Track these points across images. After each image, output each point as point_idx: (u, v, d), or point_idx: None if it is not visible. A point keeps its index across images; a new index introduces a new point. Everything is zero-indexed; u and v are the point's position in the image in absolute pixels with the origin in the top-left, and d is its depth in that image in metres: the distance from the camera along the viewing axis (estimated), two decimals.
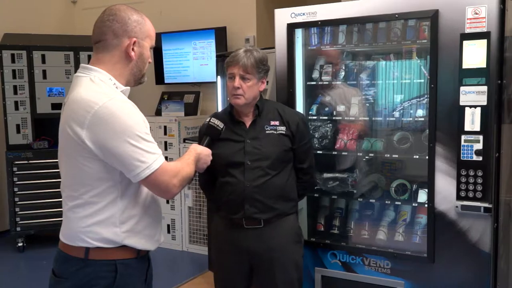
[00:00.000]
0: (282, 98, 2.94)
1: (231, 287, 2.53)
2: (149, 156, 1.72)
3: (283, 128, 2.45)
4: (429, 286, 2.66)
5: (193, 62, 5.05)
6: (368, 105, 3.01)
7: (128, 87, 1.85)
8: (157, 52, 5.13)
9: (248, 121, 2.45)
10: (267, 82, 3.33)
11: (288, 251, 2.47)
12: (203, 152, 2.07)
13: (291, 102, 2.91)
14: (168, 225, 4.92)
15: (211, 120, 2.29)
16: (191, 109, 5.03)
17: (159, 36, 5.05)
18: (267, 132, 2.43)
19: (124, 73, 1.82)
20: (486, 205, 2.45)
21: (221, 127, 2.28)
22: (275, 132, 2.43)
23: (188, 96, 5.18)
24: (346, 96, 3.07)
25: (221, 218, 2.52)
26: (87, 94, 1.70)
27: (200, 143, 2.26)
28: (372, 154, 2.98)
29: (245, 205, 2.37)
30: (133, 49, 1.79)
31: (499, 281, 2.76)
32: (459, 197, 2.51)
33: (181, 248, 4.90)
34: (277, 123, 2.45)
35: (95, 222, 1.74)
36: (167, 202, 4.86)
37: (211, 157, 2.13)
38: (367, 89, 3.01)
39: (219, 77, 4.26)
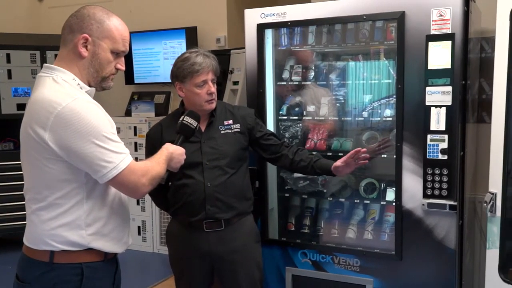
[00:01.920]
0: (252, 98, 2.94)
1: None
2: (116, 156, 1.69)
3: (238, 125, 2.46)
4: (397, 283, 2.71)
5: (164, 62, 5.01)
6: (337, 105, 3.04)
7: (93, 88, 1.81)
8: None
9: (203, 123, 2.43)
10: (237, 82, 3.35)
11: (250, 251, 2.48)
12: (176, 151, 2.04)
13: (261, 103, 2.92)
14: (139, 227, 4.85)
15: (184, 119, 2.25)
16: (161, 110, 4.98)
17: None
18: (222, 132, 2.43)
19: (81, 72, 1.76)
20: (452, 202, 2.50)
21: (195, 125, 2.25)
22: (230, 131, 2.44)
23: (158, 97, 5.13)
24: (316, 96, 3.09)
25: (178, 223, 2.49)
26: (49, 95, 1.66)
27: (173, 142, 2.22)
28: (341, 154, 3.01)
29: (207, 206, 2.36)
30: (86, 47, 1.74)
31: (464, 277, 2.83)
32: (425, 195, 2.55)
33: (152, 249, 4.85)
34: (230, 122, 2.46)
35: (59, 225, 1.70)
36: (138, 203, 4.80)
37: (184, 156, 2.09)
38: (336, 89, 3.04)
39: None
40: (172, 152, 2.01)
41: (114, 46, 1.80)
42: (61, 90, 1.67)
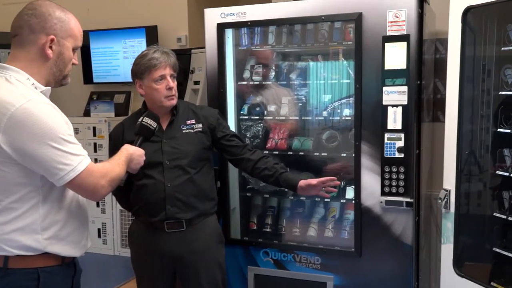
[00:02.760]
0: (213, 98, 2.94)
1: None
2: (74, 158, 1.65)
3: (200, 125, 2.45)
4: (356, 279, 2.76)
5: (123, 61, 4.92)
6: (298, 104, 3.08)
7: (49, 88, 1.76)
8: (85, 50, 4.96)
9: (164, 122, 2.41)
10: (198, 82, 3.34)
11: (212, 252, 2.47)
12: (136, 152, 2.02)
13: (222, 102, 2.92)
14: (99, 229, 4.76)
15: (143, 120, 2.22)
16: (121, 110, 4.90)
17: (86, 34, 4.89)
18: (184, 131, 2.42)
19: (42, 72, 1.72)
20: (408, 199, 2.57)
21: (154, 126, 2.23)
22: (192, 131, 2.43)
23: (118, 96, 5.04)
24: (277, 96, 3.11)
25: (140, 223, 2.46)
26: (2, 95, 1.60)
27: (132, 143, 2.19)
28: (302, 153, 3.05)
29: (167, 206, 2.34)
30: (51, 48, 1.71)
31: (421, 272, 2.92)
32: (383, 193, 2.62)
33: (113, 252, 4.76)
34: (193, 121, 2.44)
35: (14, 229, 1.65)
36: (98, 205, 4.71)
37: (144, 158, 2.08)
38: (297, 89, 3.07)
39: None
40: (132, 153, 1.98)
41: (76, 43, 1.79)
42: (14, 91, 1.62)
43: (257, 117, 3.09)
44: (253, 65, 3.07)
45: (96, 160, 4.19)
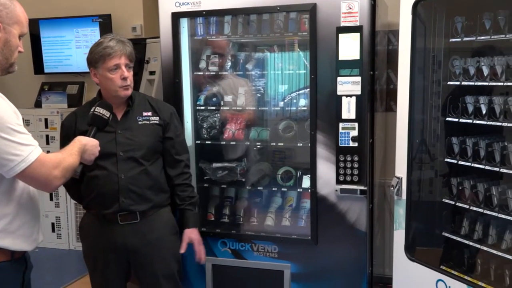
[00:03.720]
0: (169, 88, 2.90)
1: (109, 286, 2.44)
2: (24, 149, 1.61)
3: (156, 118, 2.41)
4: (313, 266, 2.81)
5: (76, 50, 4.78)
6: (255, 95, 3.08)
7: None
8: (35, 39, 4.78)
9: (119, 113, 2.37)
10: (154, 72, 3.29)
11: (167, 243, 2.45)
12: (89, 143, 1.98)
13: (178, 92, 2.89)
14: (53, 224, 4.63)
15: (96, 110, 2.17)
16: (74, 101, 4.75)
17: (36, 23, 4.72)
18: (140, 123, 2.38)
19: None
20: (362, 187, 2.63)
21: (108, 116, 2.18)
22: (148, 123, 2.39)
23: (71, 87, 4.89)
24: (234, 86, 3.11)
25: (92, 216, 2.42)
26: None
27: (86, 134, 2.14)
28: (259, 143, 3.07)
29: (120, 198, 2.30)
30: None
31: (375, 258, 3.00)
32: (338, 181, 2.67)
33: (68, 247, 4.66)
34: (149, 113, 2.41)
35: None
36: (51, 199, 4.58)
37: (99, 148, 2.04)
38: (254, 79, 3.08)
39: None
40: (85, 144, 1.95)
41: (22, 30, 1.75)
42: None
43: (214, 108, 3.08)
44: (209, 55, 3.04)
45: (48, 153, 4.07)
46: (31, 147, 1.63)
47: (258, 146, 3.13)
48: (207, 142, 3.05)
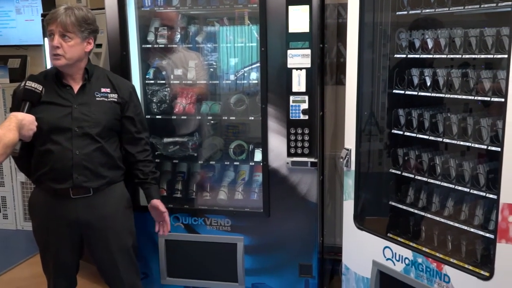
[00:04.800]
0: (116, 61, 2.82)
1: (62, 263, 2.40)
2: None
3: (115, 95, 2.36)
4: (266, 238, 2.86)
5: (17, 23, 4.54)
6: (206, 68, 3.04)
7: None
8: None
9: (76, 86, 2.30)
10: (100, 45, 3.17)
11: (121, 217, 2.43)
12: (26, 118, 1.92)
13: (125, 66, 2.81)
14: None
15: (27, 83, 2.09)
16: (17, 75, 4.54)
17: None
18: (97, 99, 2.32)
19: None
20: (313, 160, 2.67)
21: (40, 89, 2.10)
22: (106, 99, 2.34)
23: (13, 61, 4.66)
24: (185, 59, 3.05)
25: (42, 192, 2.35)
26: None
27: (20, 110, 2.06)
28: (210, 117, 3.04)
29: (74, 174, 2.25)
30: None
31: (326, 228, 3.08)
32: (289, 154, 2.69)
33: (15, 227, 4.53)
34: (108, 90, 2.35)
35: None
36: None
37: (36, 123, 1.98)
38: (204, 52, 3.03)
39: (46, 39, 3.89)
40: (22, 119, 1.89)
41: None
42: None
43: (164, 81, 3.02)
44: (157, 27, 2.97)
45: None
46: None
47: (211, 121, 3.11)
48: (157, 116, 3.00)
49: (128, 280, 2.47)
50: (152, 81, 3.01)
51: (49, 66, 3.93)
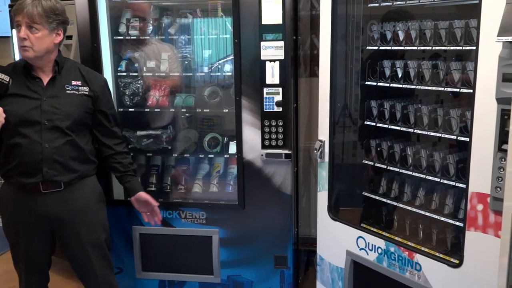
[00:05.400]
0: (86, 53, 2.77)
1: (33, 259, 2.36)
2: None
3: (86, 88, 2.32)
4: (241, 230, 2.86)
5: None
6: (179, 61, 3.01)
7: None
8: None
9: (45, 78, 2.26)
10: (71, 36, 3.10)
11: (93, 211, 2.40)
12: None
13: (97, 58, 2.77)
14: None
15: None
16: None
17: None
18: (68, 91, 2.28)
19: None
20: (287, 151, 2.68)
21: (7, 80, 2.07)
22: (77, 93, 2.30)
23: None
24: (158, 51, 3.02)
25: (11, 187, 2.30)
26: None
27: None
28: (184, 110, 3.02)
29: (44, 168, 2.21)
30: None
31: (301, 219, 3.10)
32: (263, 146, 2.70)
33: None
34: (79, 83, 2.32)
35: None
36: None
37: (4, 115, 1.93)
38: (177, 44, 3.00)
39: (14, 30, 3.79)
40: None
41: None
42: None
43: (136, 74, 2.98)
44: (129, 18, 2.92)
45: None
46: None
47: (186, 114, 3.08)
48: (130, 109, 2.97)
49: (102, 275, 2.44)
50: (125, 74, 2.97)
51: (18, 58, 3.85)
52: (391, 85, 2.45)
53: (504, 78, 1.75)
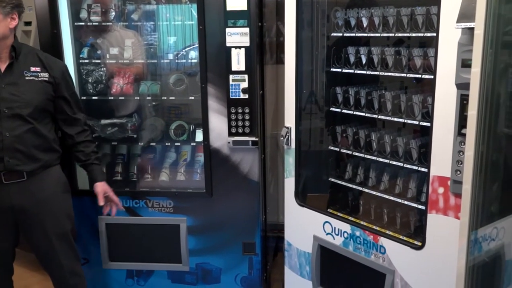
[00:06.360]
0: (46, 40, 2.69)
1: None
2: None
3: (46, 74, 2.27)
4: (209, 218, 2.86)
5: None
6: (143, 47, 2.95)
7: None
8: None
9: (2, 65, 2.19)
10: (30, 22, 3.01)
11: (58, 201, 2.37)
12: None
13: (57, 44, 2.69)
14: None
15: None
16: None
17: None
18: (27, 78, 2.22)
19: None
20: (253, 138, 2.68)
21: None
22: (36, 79, 2.24)
23: None
24: (121, 38, 2.95)
25: None
26: None
27: None
28: (150, 98, 2.97)
29: (5, 157, 2.16)
30: None
31: (269, 206, 3.12)
32: (230, 134, 2.69)
33: None
34: (38, 69, 2.26)
35: None
36: None
37: None
38: (141, 31, 2.94)
39: None
40: None
41: None
42: None
43: (99, 61, 2.91)
44: (90, 4, 2.84)
45: None
46: None
47: (152, 102, 3.04)
48: (93, 97, 2.90)
49: (68, 266, 2.41)
50: (87, 61, 2.89)
51: None
52: (356, 71, 2.47)
53: (463, 64, 1.79)
